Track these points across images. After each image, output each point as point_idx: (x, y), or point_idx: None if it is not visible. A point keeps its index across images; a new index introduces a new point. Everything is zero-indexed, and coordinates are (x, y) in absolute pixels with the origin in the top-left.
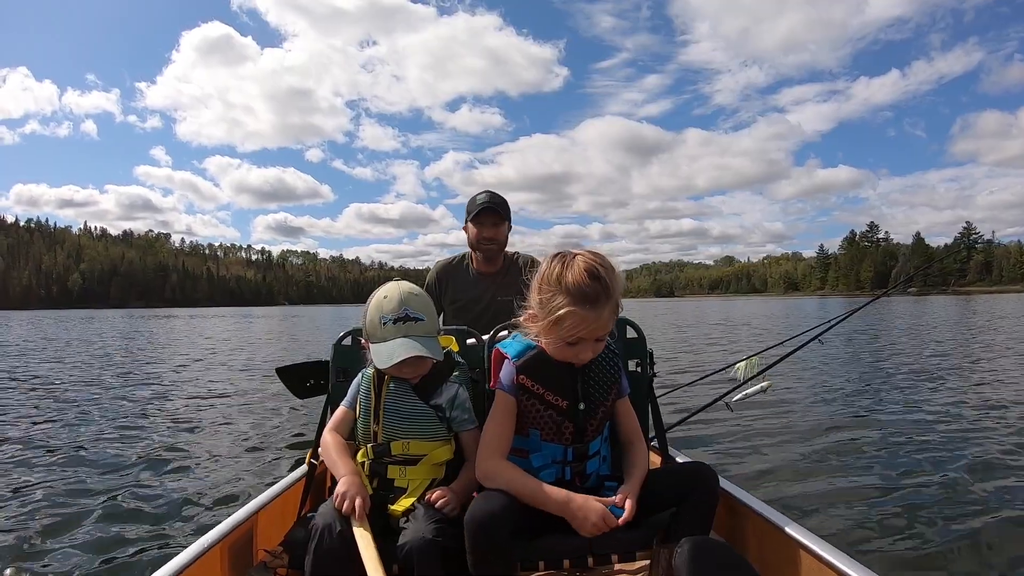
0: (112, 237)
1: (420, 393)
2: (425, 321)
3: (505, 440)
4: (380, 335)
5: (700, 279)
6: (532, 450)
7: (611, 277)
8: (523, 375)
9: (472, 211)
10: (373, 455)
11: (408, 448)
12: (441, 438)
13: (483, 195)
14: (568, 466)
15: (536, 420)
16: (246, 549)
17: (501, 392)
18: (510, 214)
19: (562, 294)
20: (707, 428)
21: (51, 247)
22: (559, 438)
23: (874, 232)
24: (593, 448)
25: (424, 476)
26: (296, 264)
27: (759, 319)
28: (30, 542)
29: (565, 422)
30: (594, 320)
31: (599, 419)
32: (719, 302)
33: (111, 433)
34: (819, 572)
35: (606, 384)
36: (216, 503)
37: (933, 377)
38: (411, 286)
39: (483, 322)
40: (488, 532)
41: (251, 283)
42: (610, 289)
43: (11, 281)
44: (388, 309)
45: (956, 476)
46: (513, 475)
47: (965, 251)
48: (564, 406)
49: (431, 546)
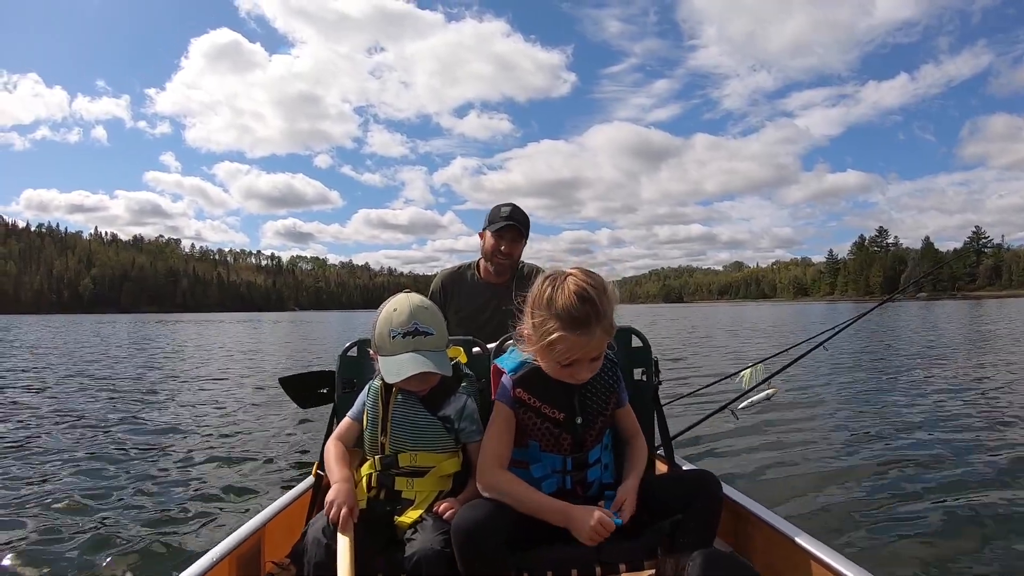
0: (123, 242)
1: (428, 405)
2: (435, 335)
3: (504, 451)
4: (389, 349)
5: (709, 284)
6: (532, 461)
7: (601, 298)
8: (520, 388)
9: (495, 223)
10: (380, 467)
11: (416, 460)
12: (449, 450)
13: (508, 208)
14: (568, 475)
15: (534, 432)
16: (254, 561)
17: (499, 404)
18: (529, 231)
19: (553, 319)
20: (713, 436)
21: (62, 252)
22: (558, 449)
23: (883, 237)
24: (593, 457)
25: (432, 488)
26: (306, 270)
27: (768, 324)
28: (33, 553)
29: (563, 434)
30: (586, 344)
31: (598, 429)
32: (728, 308)
33: (118, 441)
34: None
35: (604, 396)
36: (224, 515)
37: (941, 383)
38: (421, 299)
39: (488, 331)
40: (474, 540)
41: (261, 288)
42: (600, 311)
43: (23, 286)
44: (398, 323)
45: (964, 483)
46: (513, 487)
47: (974, 256)
48: (561, 418)
49: (439, 557)
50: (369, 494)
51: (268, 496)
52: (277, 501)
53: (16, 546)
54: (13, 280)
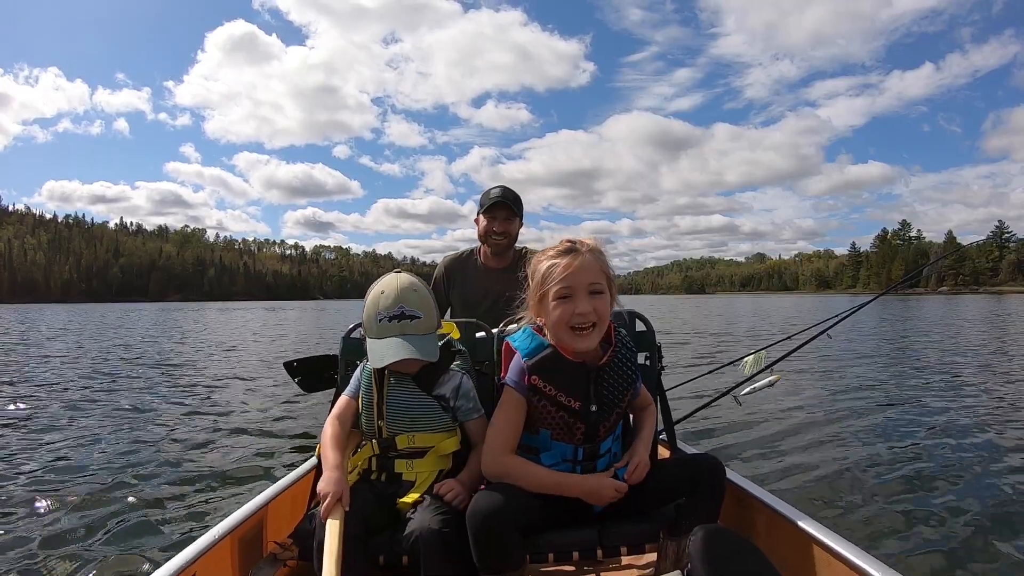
0: (148, 232)
1: (421, 384)
2: (422, 319)
3: (513, 436)
4: (376, 332)
5: (731, 276)
6: (542, 448)
7: (585, 243)
8: (535, 375)
9: (484, 204)
10: (379, 450)
11: (414, 441)
12: (447, 429)
13: (496, 189)
14: (578, 465)
15: (547, 420)
16: (256, 541)
17: (510, 388)
18: (523, 210)
19: (544, 261)
20: (716, 421)
21: (90, 242)
22: (570, 438)
23: (906, 230)
24: (604, 448)
25: (431, 468)
26: (329, 259)
27: (779, 315)
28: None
29: (577, 423)
30: (577, 266)
31: (612, 420)
32: (749, 299)
33: (124, 422)
34: (826, 562)
35: (622, 387)
36: (226, 495)
37: (946, 373)
38: (411, 280)
39: (491, 317)
40: (491, 526)
41: (286, 277)
42: (583, 247)
43: (52, 275)
44: (384, 306)
45: (964, 466)
46: (527, 469)
47: (997, 250)
48: (577, 407)
49: (437, 536)
50: (370, 477)
51: (272, 476)
52: (280, 481)
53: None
54: (43, 270)
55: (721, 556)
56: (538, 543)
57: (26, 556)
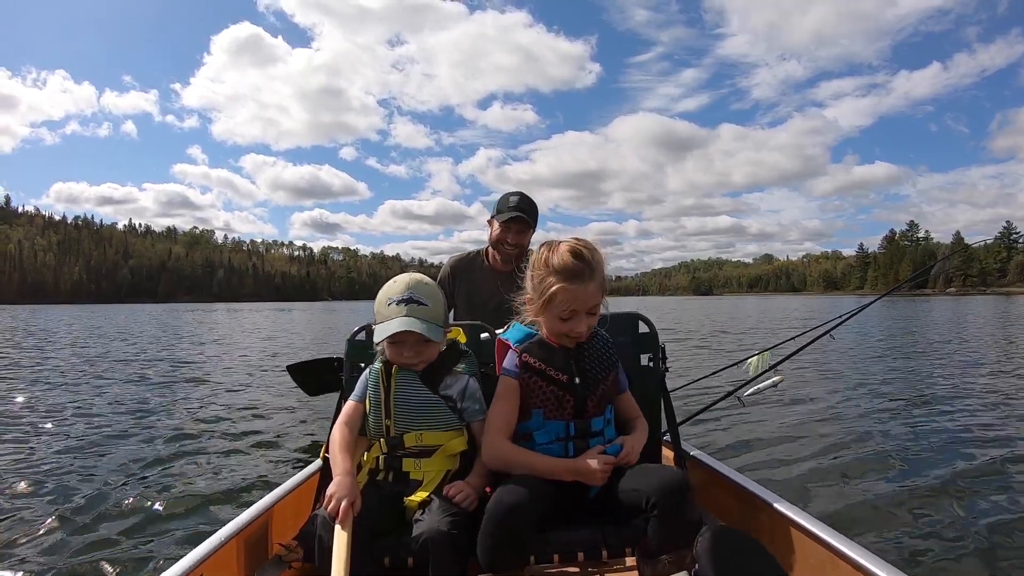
0: (157, 233)
1: (428, 382)
2: (429, 307)
3: (509, 421)
4: (384, 315)
5: (739, 277)
6: (536, 429)
7: (594, 256)
8: (526, 354)
9: (502, 212)
10: (387, 449)
11: (422, 439)
12: (454, 427)
13: (515, 197)
14: (571, 442)
15: (539, 397)
16: (261, 543)
17: (504, 376)
18: (537, 219)
19: (552, 275)
20: (719, 422)
21: (99, 244)
22: (561, 414)
23: (914, 231)
24: (596, 426)
25: (439, 467)
26: (337, 260)
27: (782, 316)
28: (44, 532)
29: (566, 396)
30: (582, 293)
31: (598, 396)
32: (757, 300)
33: (129, 424)
34: (831, 562)
35: (602, 365)
36: (232, 497)
37: (953, 374)
38: (422, 276)
39: (495, 319)
40: (509, 520)
41: (295, 279)
42: (593, 266)
43: (62, 276)
44: (394, 291)
45: (971, 467)
46: (521, 454)
47: (1005, 251)
48: (564, 379)
49: (446, 538)
50: (377, 477)
51: (276, 478)
52: (285, 484)
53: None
54: (53, 271)
55: (728, 556)
56: (542, 543)
57: (33, 556)
